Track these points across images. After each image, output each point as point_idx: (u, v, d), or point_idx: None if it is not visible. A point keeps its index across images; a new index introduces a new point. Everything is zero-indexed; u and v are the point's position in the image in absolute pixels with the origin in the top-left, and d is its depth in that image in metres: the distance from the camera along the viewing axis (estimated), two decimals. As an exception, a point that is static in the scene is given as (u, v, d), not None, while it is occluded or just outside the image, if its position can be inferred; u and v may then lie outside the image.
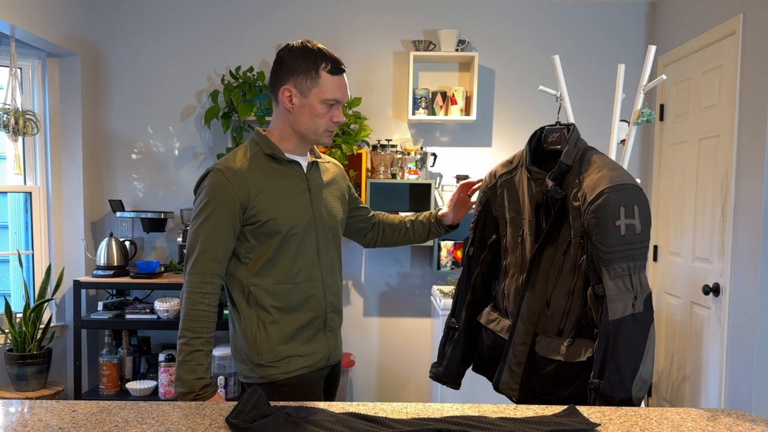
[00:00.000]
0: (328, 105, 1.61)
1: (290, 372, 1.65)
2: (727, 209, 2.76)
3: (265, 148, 1.64)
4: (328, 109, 1.61)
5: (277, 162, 1.65)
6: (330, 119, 1.63)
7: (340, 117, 1.64)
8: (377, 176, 3.48)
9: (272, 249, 1.62)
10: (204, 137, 3.67)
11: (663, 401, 3.40)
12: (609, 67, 3.56)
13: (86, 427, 1.19)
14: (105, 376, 3.34)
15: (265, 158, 1.64)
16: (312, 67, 1.58)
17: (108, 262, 3.35)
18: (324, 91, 1.59)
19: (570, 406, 1.34)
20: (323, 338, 1.72)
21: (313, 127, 1.63)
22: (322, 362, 1.72)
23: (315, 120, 1.62)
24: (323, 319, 1.72)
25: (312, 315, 1.69)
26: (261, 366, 1.64)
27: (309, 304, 1.68)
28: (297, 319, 1.66)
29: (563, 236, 1.62)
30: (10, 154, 3.18)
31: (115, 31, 3.62)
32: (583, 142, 1.69)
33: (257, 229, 1.60)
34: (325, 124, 1.63)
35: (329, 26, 3.62)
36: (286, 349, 1.65)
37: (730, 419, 1.32)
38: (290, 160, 1.67)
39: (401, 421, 1.21)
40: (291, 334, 1.66)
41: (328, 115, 1.62)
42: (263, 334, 1.64)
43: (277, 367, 1.64)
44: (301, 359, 1.67)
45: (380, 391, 3.79)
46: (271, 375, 1.64)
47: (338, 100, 1.62)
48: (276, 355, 1.64)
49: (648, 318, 1.52)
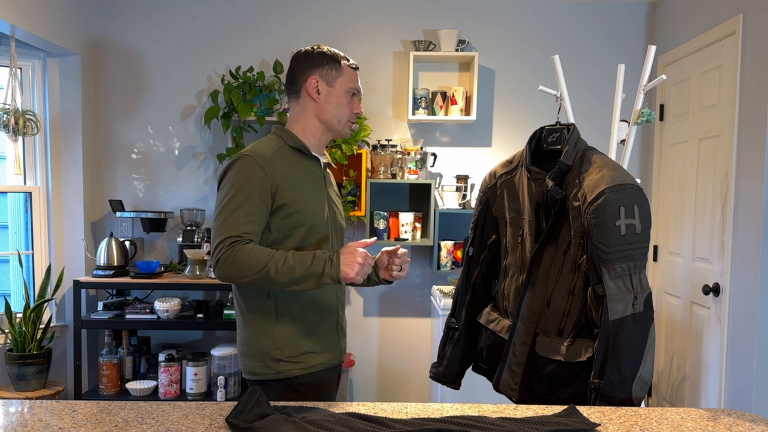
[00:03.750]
0: (351, 94, 1.69)
1: (309, 368, 1.65)
2: (727, 209, 2.76)
3: (291, 142, 1.67)
4: (350, 99, 1.70)
5: (302, 156, 1.68)
6: (352, 109, 1.71)
7: (359, 108, 1.73)
8: (377, 176, 3.48)
9: (294, 243, 1.62)
10: (204, 137, 3.67)
11: (663, 401, 3.40)
12: (609, 67, 3.56)
13: (86, 427, 1.19)
14: (105, 376, 3.34)
15: (291, 152, 1.66)
16: (335, 60, 1.68)
17: (108, 262, 3.35)
18: (348, 81, 1.68)
19: (570, 406, 1.34)
20: (335, 336, 1.73)
21: (339, 116, 1.69)
22: (335, 360, 1.73)
23: (340, 108, 1.68)
24: (336, 317, 1.73)
25: (327, 312, 1.70)
26: (279, 361, 1.62)
27: (325, 302, 1.69)
28: (314, 315, 1.67)
29: (563, 236, 1.62)
30: (10, 154, 3.18)
31: (115, 31, 3.62)
32: (583, 142, 1.69)
33: (282, 220, 1.60)
34: (348, 114, 1.70)
35: (329, 26, 3.62)
36: (304, 344, 1.65)
37: (730, 419, 1.32)
38: (313, 156, 1.71)
39: (401, 421, 1.21)
40: (308, 330, 1.66)
41: (351, 105, 1.70)
42: (282, 329, 1.63)
43: (295, 362, 1.63)
44: (317, 356, 1.67)
45: (380, 391, 3.79)
46: (289, 371, 1.62)
47: (359, 91, 1.72)
48: (295, 350, 1.63)
49: (648, 318, 1.52)
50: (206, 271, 3.31)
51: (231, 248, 1.49)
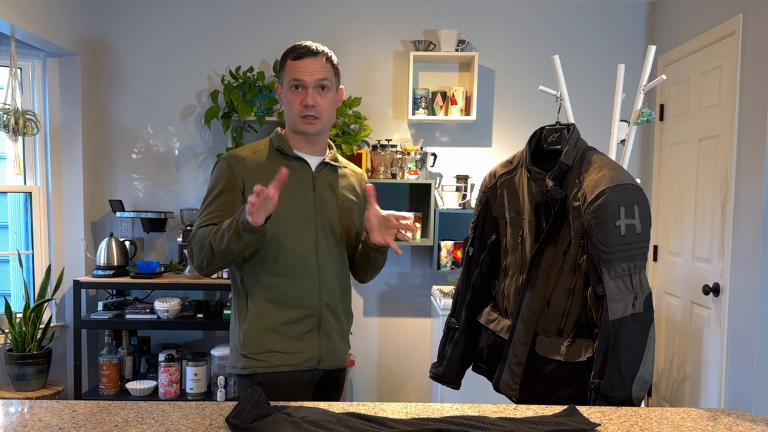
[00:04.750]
0: (294, 87, 1.64)
1: (271, 367, 1.64)
2: (727, 209, 2.76)
3: (275, 143, 1.72)
4: (295, 93, 1.65)
5: (284, 157, 1.71)
6: (299, 103, 1.64)
7: (307, 99, 1.63)
8: (377, 176, 3.48)
9: (266, 240, 1.62)
10: (204, 137, 3.67)
11: (663, 401, 3.40)
12: (609, 67, 3.56)
13: (86, 427, 1.19)
14: (105, 376, 3.34)
15: (275, 152, 1.72)
16: (284, 58, 1.68)
17: (108, 262, 3.35)
18: (287, 76, 1.66)
19: (570, 406, 1.34)
20: (315, 339, 1.69)
21: (290, 115, 1.68)
22: (310, 363, 1.68)
23: (289, 107, 1.68)
24: (317, 319, 1.69)
25: (303, 313, 1.67)
26: (243, 356, 1.65)
27: (301, 301, 1.67)
28: (287, 314, 1.66)
29: (563, 236, 1.62)
30: (10, 154, 3.18)
31: (116, 30, 3.62)
32: (583, 142, 1.69)
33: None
34: (297, 110, 1.65)
35: (329, 26, 3.62)
36: (270, 343, 1.64)
37: (730, 419, 1.32)
38: (297, 157, 1.71)
39: (401, 421, 1.21)
40: (277, 328, 1.65)
41: (297, 99, 1.65)
42: (249, 324, 1.65)
43: (258, 360, 1.64)
44: (284, 356, 1.65)
45: (380, 391, 3.79)
46: (251, 367, 1.64)
47: (299, 80, 1.63)
48: (258, 347, 1.64)
49: (648, 318, 1.52)
50: (206, 271, 3.31)
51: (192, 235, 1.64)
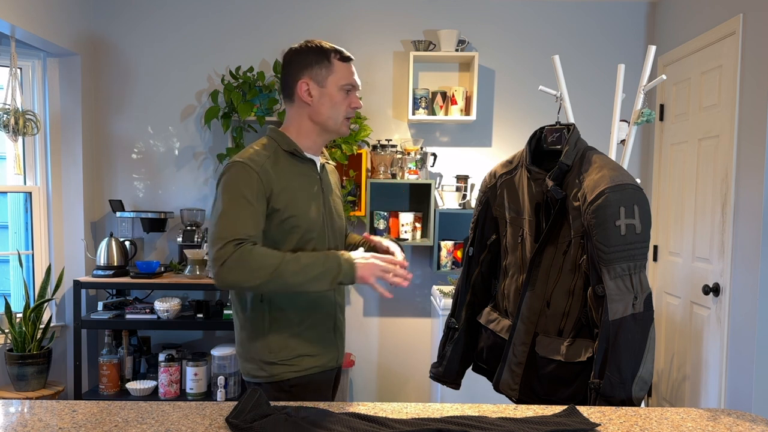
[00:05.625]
0: (345, 91, 1.64)
1: (302, 371, 1.64)
2: (727, 209, 2.76)
3: (284, 145, 1.63)
4: (345, 96, 1.64)
5: (296, 159, 1.65)
6: (348, 105, 1.66)
7: (358, 102, 1.67)
8: (377, 176, 3.48)
9: (290, 247, 1.60)
10: (204, 137, 3.67)
11: (663, 401, 3.40)
12: (609, 67, 3.56)
13: (86, 427, 1.19)
14: (105, 376, 3.34)
15: (285, 155, 1.63)
16: (324, 57, 1.62)
17: (108, 262, 3.35)
18: (340, 78, 1.63)
19: (570, 406, 1.34)
20: (332, 339, 1.72)
21: (334, 116, 1.64)
22: (332, 363, 1.72)
23: (335, 108, 1.64)
24: (333, 320, 1.72)
25: (323, 315, 1.69)
26: (272, 364, 1.62)
27: (321, 304, 1.68)
28: (309, 318, 1.66)
29: (563, 236, 1.62)
30: (10, 154, 3.18)
31: (116, 30, 3.62)
32: (583, 142, 1.69)
33: (277, 225, 1.59)
34: (345, 111, 1.66)
35: (329, 26, 3.62)
36: (299, 347, 1.64)
37: (730, 419, 1.32)
38: (308, 158, 1.67)
39: (401, 421, 1.21)
40: (302, 333, 1.65)
41: (346, 102, 1.65)
42: (276, 332, 1.62)
43: (289, 365, 1.63)
44: (312, 359, 1.66)
45: (380, 391, 3.79)
46: (282, 374, 1.62)
47: (353, 85, 1.65)
48: (289, 353, 1.63)
49: (648, 318, 1.52)
50: (206, 271, 3.31)
51: (238, 249, 1.45)
